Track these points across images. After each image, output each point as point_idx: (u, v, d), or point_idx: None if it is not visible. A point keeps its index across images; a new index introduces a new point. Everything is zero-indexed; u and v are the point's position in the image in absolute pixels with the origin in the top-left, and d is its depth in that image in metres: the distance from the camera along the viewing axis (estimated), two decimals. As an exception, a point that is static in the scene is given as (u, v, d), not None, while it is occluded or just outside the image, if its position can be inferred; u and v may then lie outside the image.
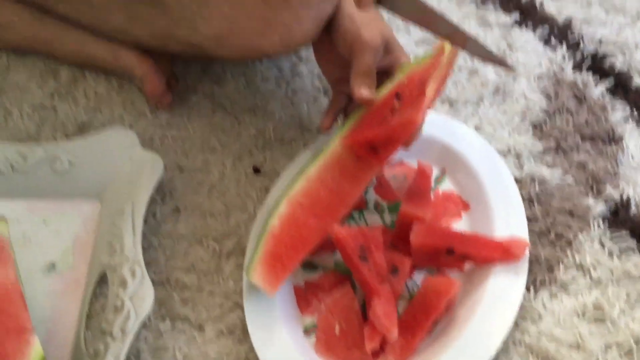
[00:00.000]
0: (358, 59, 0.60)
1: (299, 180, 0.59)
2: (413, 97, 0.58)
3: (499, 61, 0.61)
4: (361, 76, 0.59)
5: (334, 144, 0.61)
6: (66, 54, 0.75)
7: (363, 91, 0.59)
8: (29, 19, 0.72)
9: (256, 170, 0.69)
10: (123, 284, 0.57)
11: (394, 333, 0.53)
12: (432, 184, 0.64)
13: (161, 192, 0.68)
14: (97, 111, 0.74)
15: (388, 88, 0.61)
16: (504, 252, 0.58)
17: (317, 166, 0.60)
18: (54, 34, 0.73)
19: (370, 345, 0.54)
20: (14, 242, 0.56)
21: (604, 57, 0.77)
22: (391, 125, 0.57)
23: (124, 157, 0.65)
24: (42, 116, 0.73)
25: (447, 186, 0.66)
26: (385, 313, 0.54)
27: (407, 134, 0.57)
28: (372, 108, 0.60)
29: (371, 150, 0.59)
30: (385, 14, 0.69)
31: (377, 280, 0.56)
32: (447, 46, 0.58)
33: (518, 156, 0.69)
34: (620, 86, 0.74)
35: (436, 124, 0.67)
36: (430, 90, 0.55)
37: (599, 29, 0.79)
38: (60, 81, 0.76)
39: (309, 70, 0.77)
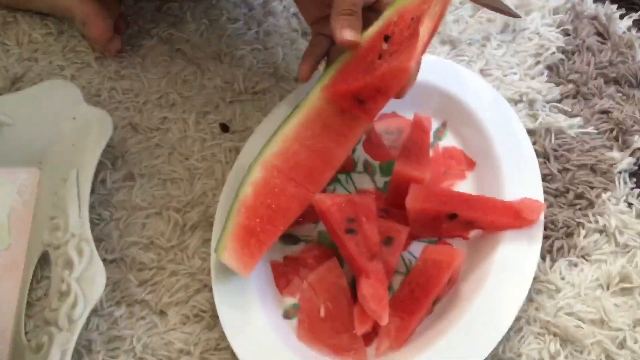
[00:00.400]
0: None
1: (274, 140, 0.59)
2: (404, 38, 0.57)
3: (502, 9, 0.61)
4: (343, 15, 0.59)
5: (314, 96, 0.60)
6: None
7: (345, 33, 0.58)
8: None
9: (224, 128, 0.70)
10: (69, 264, 0.57)
11: (384, 318, 0.54)
12: (431, 138, 0.65)
13: (111, 156, 0.68)
14: (32, 61, 0.74)
15: (375, 28, 0.60)
16: (515, 216, 0.58)
17: (294, 123, 0.60)
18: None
19: (361, 329, 0.55)
20: (-63, 219, 0.56)
21: (631, -15, 0.77)
22: (379, 73, 0.57)
23: (65, 115, 0.66)
24: (-33, 69, 0.73)
25: (448, 141, 0.66)
26: (374, 295, 0.55)
27: (398, 83, 0.57)
28: (357, 52, 0.60)
29: (357, 102, 0.59)
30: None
31: (367, 256, 0.57)
32: None
33: (531, 104, 0.69)
34: (650, 19, 0.75)
35: (435, 68, 0.67)
36: (424, 30, 0.55)
37: (626, -47, 0.80)
38: (-14, 26, 0.76)
39: (284, 7, 0.77)
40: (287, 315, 0.59)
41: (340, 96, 0.60)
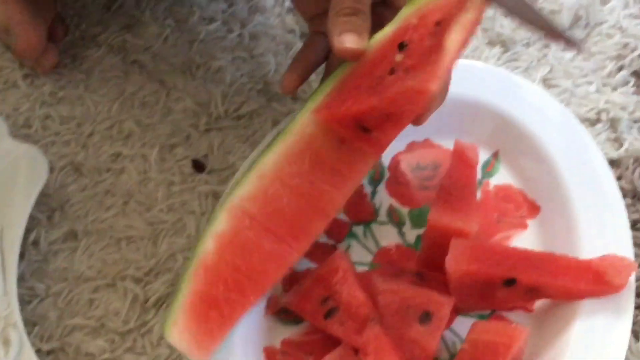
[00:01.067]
0: None
1: (248, 177, 0.60)
2: (425, 49, 0.58)
3: (554, 34, 0.60)
4: (344, 15, 0.60)
5: (303, 120, 0.61)
6: None
7: (346, 39, 0.59)
8: None
9: (198, 166, 0.71)
10: None
11: None
12: (479, 174, 0.66)
13: (47, 208, 0.69)
14: None
15: (389, 32, 0.61)
16: (596, 280, 0.58)
17: (276, 154, 0.61)
18: None
19: None
20: None
21: None
22: (390, 95, 0.57)
23: None
24: None
25: (502, 178, 0.67)
26: None
27: (414, 109, 0.57)
28: (362, 64, 0.61)
29: (360, 131, 0.60)
30: None
31: (355, 328, 0.58)
32: None
33: (614, 124, 0.71)
34: None
35: (482, 78, 0.68)
36: (452, 42, 0.55)
37: None
38: None
39: (276, 2, 0.79)
40: (286, 421, 0.60)
41: (337, 122, 0.60)
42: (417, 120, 0.60)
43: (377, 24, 0.61)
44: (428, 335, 0.58)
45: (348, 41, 0.59)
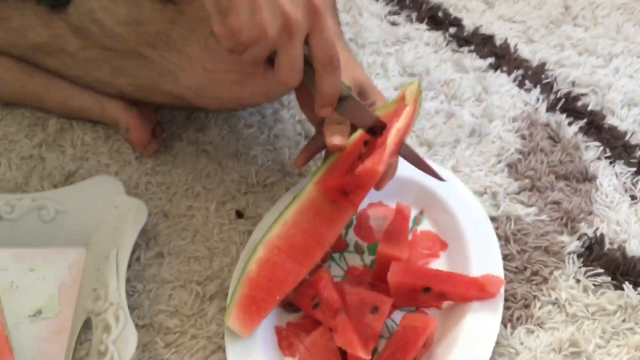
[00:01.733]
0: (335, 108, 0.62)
1: (276, 224, 0.62)
2: (378, 144, 0.60)
3: (428, 170, 0.63)
4: (334, 124, 0.62)
5: (309, 189, 0.63)
6: (54, 105, 0.78)
7: (334, 139, 0.61)
8: (17, 73, 0.76)
9: (239, 215, 0.72)
10: (107, 329, 0.58)
11: (360, 352, 0.56)
12: (411, 224, 0.67)
13: (145, 238, 0.70)
14: (83, 160, 0.77)
15: (358, 134, 0.63)
16: (480, 290, 0.60)
17: (293, 210, 0.62)
18: (42, 86, 0.76)
19: (349, 384, 0.56)
20: (1, 290, 0.59)
21: (577, 97, 0.81)
22: (356, 173, 0.59)
23: (109, 204, 0.68)
24: (30, 166, 0.76)
25: (425, 226, 0.68)
26: (345, 342, 0.57)
27: (371, 180, 0.59)
28: (344, 153, 0.63)
29: (343, 194, 0.62)
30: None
31: (331, 316, 0.59)
32: (408, 94, 0.61)
33: (494, 196, 0.72)
34: (594, 126, 0.78)
35: (413, 167, 0.67)
36: (391, 140, 0.58)
37: (572, 71, 0.84)
38: (48, 131, 0.79)
39: (290, 115, 0.80)
40: (287, 373, 0.60)
41: (329, 189, 0.62)
42: (377, 186, 0.62)
43: (354, 128, 0.63)
44: (376, 322, 0.59)
45: (335, 140, 0.61)
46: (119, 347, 0.57)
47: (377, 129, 0.61)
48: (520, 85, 0.83)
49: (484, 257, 0.63)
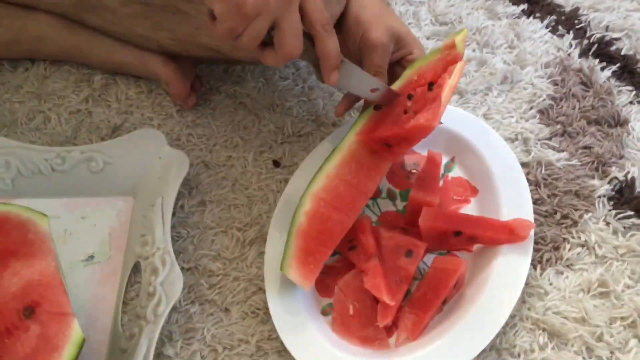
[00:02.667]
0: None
1: (319, 177, 0.62)
2: (425, 97, 0.60)
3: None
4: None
5: (350, 140, 0.63)
6: (97, 61, 0.79)
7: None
8: (61, 30, 0.77)
9: (276, 164, 0.72)
10: (155, 272, 0.61)
11: (385, 297, 0.57)
12: (442, 170, 0.67)
13: (188, 187, 0.71)
14: (128, 114, 0.78)
15: (399, 84, 0.62)
16: (510, 233, 0.60)
17: (334, 162, 0.62)
18: (85, 43, 0.77)
19: (382, 322, 0.57)
20: (55, 237, 0.60)
21: (610, 42, 0.78)
22: (408, 127, 0.59)
23: (153, 156, 0.69)
24: (79, 120, 0.78)
25: (456, 173, 0.68)
26: (373, 284, 0.58)
27: (423, 135, 0.59)
28: (387, 107, 0.62)
29: (386, 146, 0.61)
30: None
31: (364, 260, 0.60)
32: (458, 41, 0.59)
33: (525, 142, 0.71)
34: (627, 70, 0.76)
35: (447, 114, 0.66)
36: (445, 97, 0.57)
37: (606, 15, 0.81)
38: (94, 87, 0.81)
39: None
40: (324, 312, 0.61)
41: (372, 142, 0.62)
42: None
43: (394, 77, 0.62)
44: (410, 265, 0.60)
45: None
46: (167, 289, 0.59)
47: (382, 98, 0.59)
48: (553, 31, 0.80)
49: (514, 202, 0.62)
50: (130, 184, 0.70)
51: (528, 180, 0.65)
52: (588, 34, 0.79)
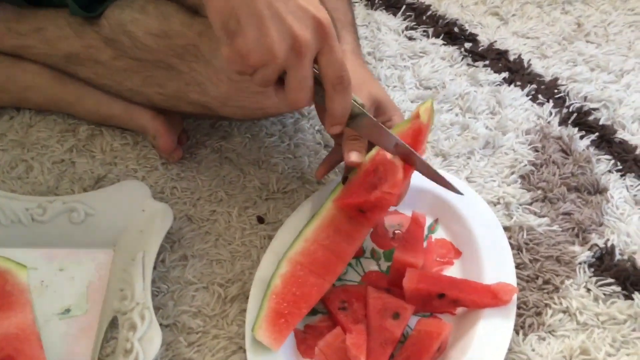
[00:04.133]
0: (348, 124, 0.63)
1: (298, 241, 0.62)
2: (388, 167, 0.61)
3: (446, 184, 0.61)
4: (350, 141, 0.62)
5: (328, 206, 0.64)
6: (85, 112, 0.79)
7: (351, 156, 0.61)
8: (51, 81, 0.77)
9: (260, 220, 0.72)
10: (133, 327, 0.59)
11: (361, 358, 0.56)
12: (426, 232, 0.67)
13: (170, 241, 0.70)
14: (112, 165, 0.77)
15: (375, 152, 0.63)
16: (493, 297, 0.60)
17: (313, 227, 0.63)
18: (74, 95, 0.77)
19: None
20: (32, 288, 0.59)
21: (589, 112, 0.80)
22: (374, 196, 0.60)
23: (136, 208, 0.68)
24: (62, 170, 0.77)
25: (440, 234, 0.68)
26: (354, 344, 0.57)
27: (389, 203, 0.60)
28: (360, 172, 0.63)
29: (360, 212, 0.62)
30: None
31: (352, 322, 0.60)
32: (421, 111, 0.61)
33: (507, 206, 0.71)
34: (605, 139, 0.78)
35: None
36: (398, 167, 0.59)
37: (584, 86, 0.83)
38: (79, 137, 0.80)
39: (310, 125, 0.81)
40: (305, 374, 0.60)
41: (347, 207, 0.62)
42: (394, 204, 0.62)
43: (371, 145, 0.63)
44: (396, 327, 0.59)
45: (353, 157, 0.61)
46: (144, 346, 0.57)
47: (401, 150, 0.60)
48: (534, 99, 0.82)
49: (497, 266, 0.63)
50: (111, 236, 0.69)
51: (510, 244, 0.65)
52: (567, 104, 0.81)
